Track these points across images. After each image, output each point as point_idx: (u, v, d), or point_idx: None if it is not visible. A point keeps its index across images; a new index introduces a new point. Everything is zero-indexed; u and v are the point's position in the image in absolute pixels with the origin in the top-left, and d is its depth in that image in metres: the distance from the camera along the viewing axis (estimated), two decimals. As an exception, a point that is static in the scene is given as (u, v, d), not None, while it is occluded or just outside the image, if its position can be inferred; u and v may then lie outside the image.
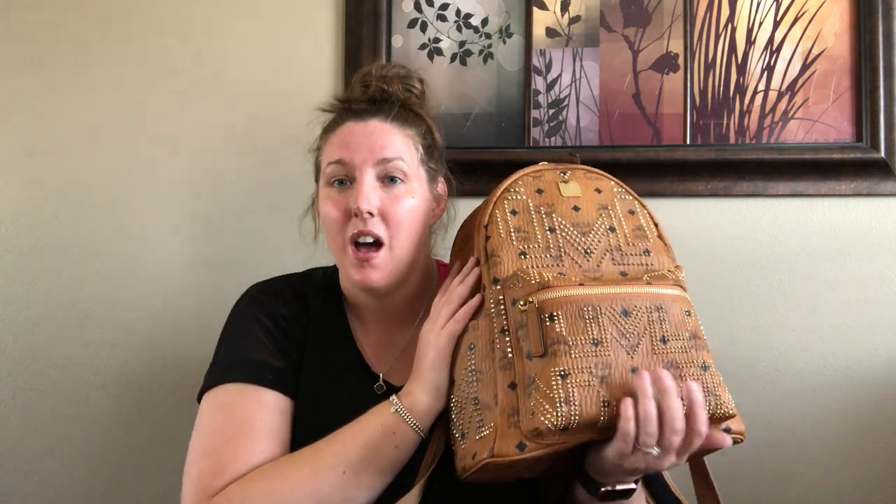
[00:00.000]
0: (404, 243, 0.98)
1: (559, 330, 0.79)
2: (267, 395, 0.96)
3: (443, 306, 0.91)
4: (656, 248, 0.91)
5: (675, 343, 0.82)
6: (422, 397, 0.89)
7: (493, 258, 0.88)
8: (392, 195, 0.97)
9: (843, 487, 1.31)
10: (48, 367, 1.41)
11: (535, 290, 0.81)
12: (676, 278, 0.87)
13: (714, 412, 0.81)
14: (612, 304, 0.81)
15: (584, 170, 0.97)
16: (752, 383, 1.32)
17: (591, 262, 0.87)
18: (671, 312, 0.83)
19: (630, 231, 0.91)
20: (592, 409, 0.76)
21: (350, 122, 1.00)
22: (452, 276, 0.94)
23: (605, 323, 0.80)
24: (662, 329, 0.82)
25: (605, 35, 1.37)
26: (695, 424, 0.77)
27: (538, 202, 0.91)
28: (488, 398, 0.84)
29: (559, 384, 0.77)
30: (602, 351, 0.79)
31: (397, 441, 0.88)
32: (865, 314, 1.31)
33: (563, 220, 0.90)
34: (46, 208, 1.42)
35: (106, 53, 1.42)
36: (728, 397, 0.82)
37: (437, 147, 1.06)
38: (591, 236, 0.89)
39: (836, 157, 1.31)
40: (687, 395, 0.78)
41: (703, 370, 0.82)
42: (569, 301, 0.80)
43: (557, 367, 0.77)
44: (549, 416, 0.76)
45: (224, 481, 0.89)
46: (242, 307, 1.04)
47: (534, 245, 0.87)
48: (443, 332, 0.89)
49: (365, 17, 1.38)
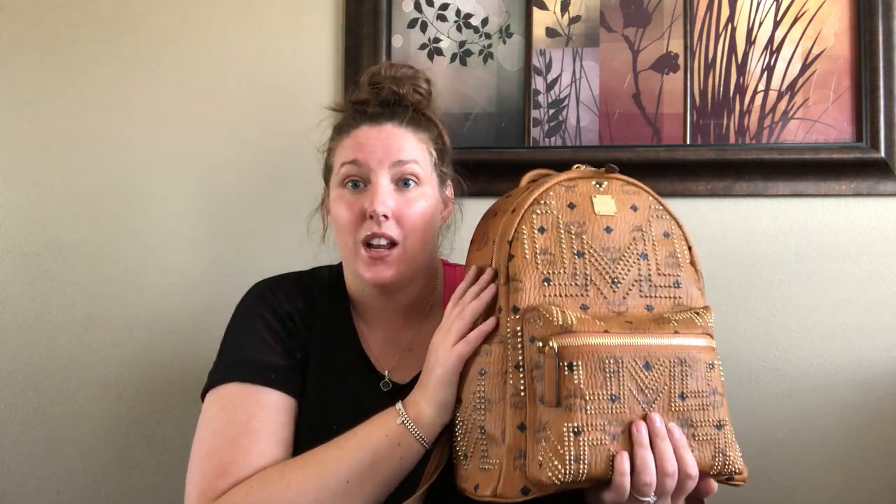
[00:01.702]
0: (416, 245, 0.98)
1: (577, 382, 0.76)
2: (269, 395, 0.96)
3: (455, 319, 0.88)
4: (687, 279, 0.88)
5: (693, 400, 0.81)
6: (427, 411, 0.88)
7: (515, 283, 0.83)
8: (406, 198, 0.98)
9: (843, 487, 1.31)
10: (48, 367, 1.41)
11: (557, 332, 0.78)
12: (705, 325, 0.84)
13: (721, 470, 0.81)
14: (634, 356, 0.79)
15: (622, 181, 0.91)
16: (752, 383, 1.32)
17: (617, 293, 0.84)
18: (694, 367, 0.81)
19: (663, 259, 0.88)
20: (601, 467, 0.76)
21: (365, 125, 1.00)
22: (468, 283, 0.90)
23: (625, 377, 0.78)
24: (683, 385, 0.80)
25: (605, 35, 1.37)
26: (684, 466, 0.78)
27: (569, 220, 0.86)
28: (496, 432, 0.82)
29: (571, 441, 0.75)
30: (618, 408, 0.77)
31: (402, 452, 0.88)
32: (865, 314, 1.31)
33: (593, 244, 0.85)
34: (46, 208, 1.42)
35: (106, 54, 1.42)
36: (737, 455, 0.82)
37: (447, 151, 1.07)
38: (621, 264, 0.85)
39: (836, 157, 1.31)
40: (671, 439, 0.79)
41: (718, 429, 0.81)
42: (591, 351, 0.77)
43: (572, 422, 0.76)
44: (556, 473, 0.75)
45: (227, 483, 0.89)
46: (247, 304, 1.04)
47: (559, 270, 0.83)
48: (452, 351, 0.87)
49: (365, 17, 1.38)
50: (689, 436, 0.80)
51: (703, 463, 0.80)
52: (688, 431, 0.80)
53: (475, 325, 0.87)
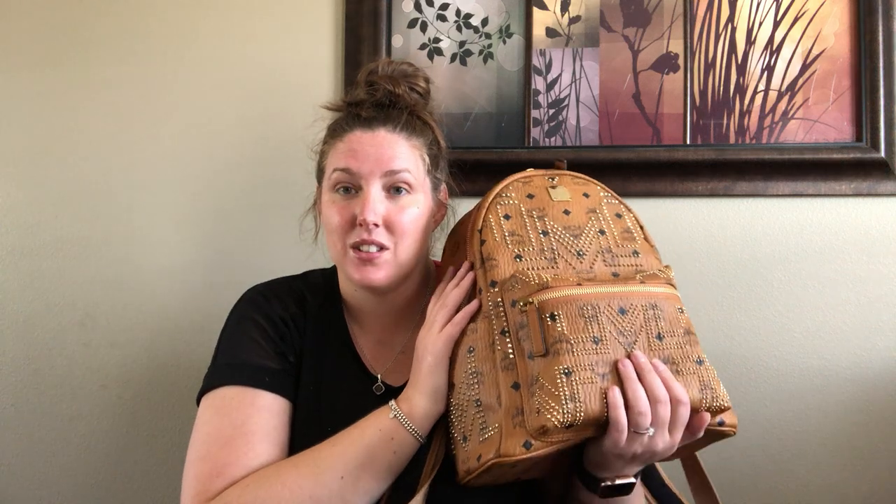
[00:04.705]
0: (407, 250, 0.98)
1: (561, 329, 0.81)
2: (264, 398, 0.96)
3: (438, 311, 0.92)
4: (644, 250, 0.94)
5: (670, 339, 0.85)
6: (420, 402, 0.89)
7: (490, 262, 0.89)
8: (398, 206, 0.98)
9: (842, 487, 1.31)
10: (48, 367, 1.41)
11: (535, 290, 0.83)
12: (668, 277, 0.90)
13: (710, 405, 0.84)
14: (609, 302, 0.83)
15: (571, 175, 1.00)
16: (752, 383, 1.32)
17: (584, 263, 0.90)
18: (665, 310, 0.86)
19: (619, 233, 0.94)
20: (596, 406, 0.78)
21: (358, 130, 1.00)
22: (446, 282, 0.95)
23: (604, 321, 0.82)
24: (658, 326, 0.85)
25: (605, 35, 1.37)
26: (674, 393, 0.80)
27: (530, 206, 0.94)
28: (491, 399, 0.84)
29: (564, 382, 0.78)
30: (602, 349, 0.81)
31: (396, 446, 0.89)
32: (865, 314, 1.31)
33: (556, 224, 0.92)
34: (46, 208, 1.42)
35: (105, 54, 1.42)
36: (723, 391, 0.85)
37: (442, 154, 1.07)
38: (582, 239, 0.92)
39: (836, 157, 1.31)
40: (657, 371, 0.81)
41: (699, 364, 0.85)
42: (569, 300, 0.82)
43: (561, 364, 0.79)
44: (555, 414, 0.77)
45: (222, 485, 0.89)
46: (240, 310, 1.05)
47: (528, 248, 0.90)
48: (440, 336, 0.90)
49: (365, 17, 1.38)
50: (674, 371, 0.83)
51: (692, 396, 0.83)
52: (671, 368, 0.83)
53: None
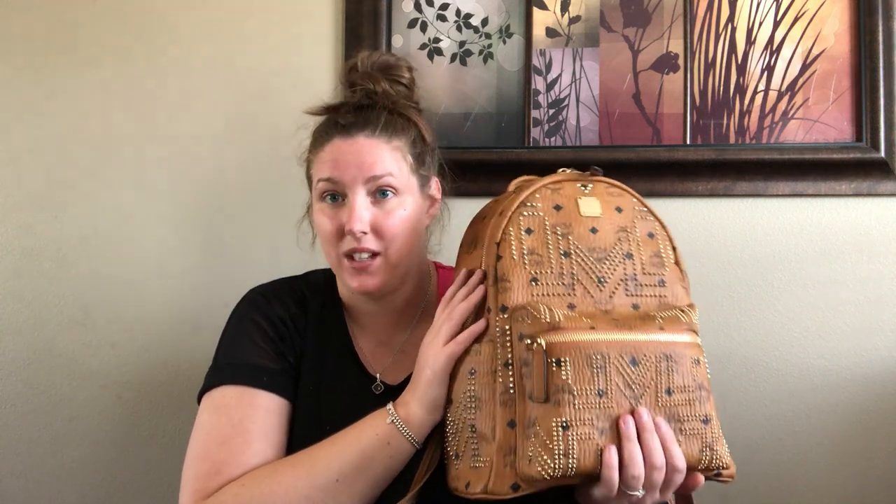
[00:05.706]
0: (399, 251, 0.98)
1: (565, 377, 0.77)
2: (262, 398, 0.97)
3: (444, 321, 0.89)
4: (671, 279, 0.89)
5: (679, 396, 0.81)
6: (418, 411, 0.89)
7: (503, 283, 0.85)
8: (384, 210, 0.98)
9: (842, 487, 1.31)
10: (48, 367, 1.41)
11: (545, 330, 0.79)
12: (690, 322, 0.85)
13: (708, 465, 0.82)
14: (621, 352, 0.80)
15: (606, 184, 0.93)
16: (752, 383, 1.32)
17: (604, 292, 0.85)
18: (680, 362, 0.82)
19: (647, 258, 0.89)
20: (590, 462, 0.77)
21: (337, 138, 0.99)
22: (458, 285, 0.91)
23: (611, 373, 0.79)
24: (669, 380, 0.81)
25: (605, 35, 1.37)
26: (671, 460, 0.79)
27: (555, 221, 0.88)
28: (486, 430, 0.83)
29: (560, 436, 0.76)
30: (606, 402, 0.78)
31: (392, 451, 0.89)
32: (865, 314, 1.31)
33: (580, 244, 0.87)
34: (46, 208, 1.42)
35: (103, 54, 1.42)
36: (724, 450, 0.83)
37: (428, 149, 1.05)
38: (606, 264, 0.87)
39: (836, 157, 1.31)
40: (658, 432, 0.79)
41: (704, 424, 0.82)
42: (578, 346, 0.79)
43: (560, 417, 0.77)
44: (546, 468, 0.76)
45: (219, 483, 0.90)
46: (241, 310, 1.05)
47: (546, 270, 0.85)
48: (442, 351, 0.88)
49: (365, 17, 1.38)
50: (677, 430, 0.80)
51: (691, 457, 0.81)
52: (675, 426, 0.80)
53: (465, 325, 0.88)
